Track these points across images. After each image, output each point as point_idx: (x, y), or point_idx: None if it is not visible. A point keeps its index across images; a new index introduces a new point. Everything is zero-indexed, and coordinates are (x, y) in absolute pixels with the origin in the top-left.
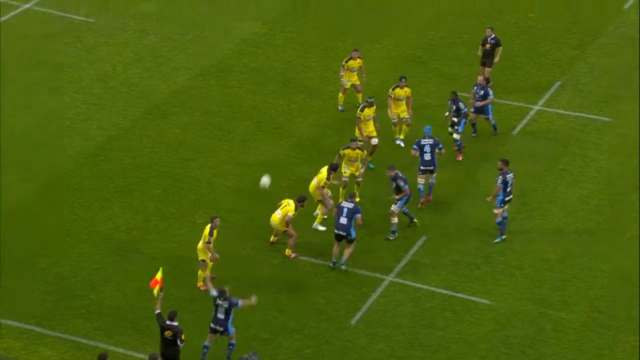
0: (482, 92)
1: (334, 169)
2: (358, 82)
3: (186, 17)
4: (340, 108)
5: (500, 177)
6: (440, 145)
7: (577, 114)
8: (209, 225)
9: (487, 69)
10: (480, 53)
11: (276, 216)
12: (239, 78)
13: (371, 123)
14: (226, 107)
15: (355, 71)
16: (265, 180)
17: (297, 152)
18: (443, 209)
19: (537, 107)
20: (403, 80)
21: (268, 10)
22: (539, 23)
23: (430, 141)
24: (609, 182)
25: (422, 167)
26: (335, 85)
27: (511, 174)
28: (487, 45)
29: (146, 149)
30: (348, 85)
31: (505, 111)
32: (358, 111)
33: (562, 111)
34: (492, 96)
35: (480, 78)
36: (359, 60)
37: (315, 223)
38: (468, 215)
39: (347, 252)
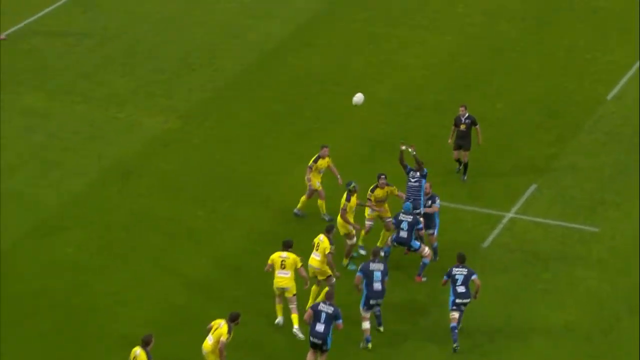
0: (429, 201)
1: (329, 231)
2: (321, 188)
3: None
4: (297, 212)
5: (449, 271)
6: (420, 226)
7: (558, 222)
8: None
9: (465, 153)
10: (451, 139)
11: (207, 342)
12: (148, 183)
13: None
14: (133, 218)
15: (322, 172)
16: (358, 98)
17: (219, 272)
18: None
19: (510, 215)
20: (382, 178)
21: (182, 101)
22: (509, 115)
23: (409, 218)
24: (601, 305)
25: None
26: (268, 188)
27: (462, 270)
28: (462, 126)
29: (34, 273)
30: (319, 187)
31: (473, 220)
32: (343, 201)
33: (540, 219)
34: (438, 204)
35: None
36: (327, 159)
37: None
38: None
39: None
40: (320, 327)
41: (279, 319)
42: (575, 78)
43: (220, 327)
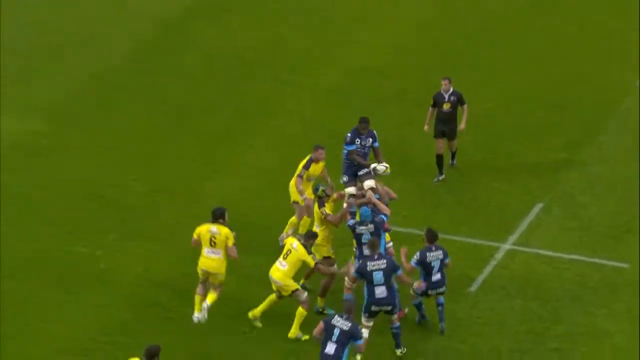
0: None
1: (309, 238)
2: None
3: None
4: (282, 238)
5: (417, 255)
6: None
7: (572, 256)
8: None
9: (452, 142)
10: (429, 124)
11: None
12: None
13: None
14: None
15: (313, 180)
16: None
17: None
18: None
19: (506, 246)
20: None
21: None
22: (502, 110)
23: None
24: None
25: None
26: (171, 215)
27: (437, 252)
28: (446, 105)
29: None
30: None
31: (456, 253)
32: (323, 210)
33: (548, 252)
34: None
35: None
36: (322, 163)
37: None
38: None
39: None
40: (330, 348)
41: (197, 315)
42: (592, 60)
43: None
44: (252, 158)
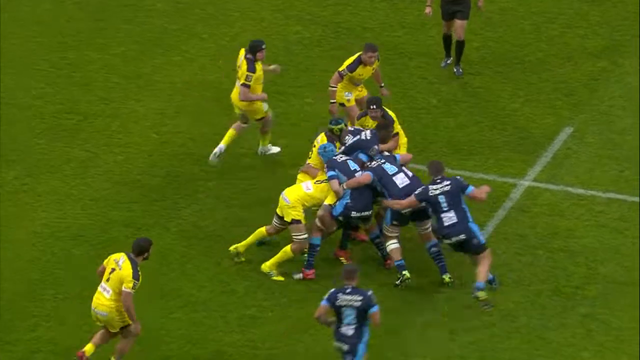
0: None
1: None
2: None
3: None
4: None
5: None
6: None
7: (611, 195)
8: None
9: (461, 23)
10: (429, 7)
11: (102, 296)
12: None
13: None
14: None
15: (359, 84)
16: None
17: None
18: None
19: (526, 183)
20: (373, 107)
21: None
22: (519, 10)
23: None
24: None
25: None
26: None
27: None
28: None
29: None
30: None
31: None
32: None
33: (578, 190)
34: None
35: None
36: (376, 63)
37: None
38: None
39: None
40: (348, 329)
41: None
42: None
43: (119, 268)
44: None
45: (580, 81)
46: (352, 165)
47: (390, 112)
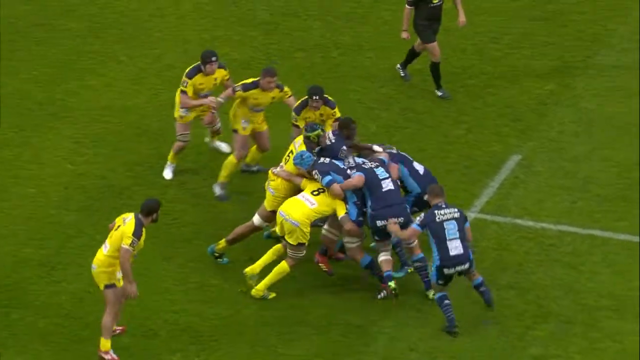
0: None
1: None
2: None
3: None
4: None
5: (422, 216)
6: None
7: (563, 227)
8: None
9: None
10: (406, 32)
11: (100, 253)
12: None
13: None
14: None
15: (257, 110)
16: None
17: None
18: None
19: (472, 215)
20: (316, 97)
21: None
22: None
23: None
24: None
25: None
26: None
27: (451, 211)
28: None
29: None
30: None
31: None
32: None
33: (527, 222)
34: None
35: None
36: (277, 92)
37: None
38: None
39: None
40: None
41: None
42: None
43: (123, 224)
44: None
45: (528, 105)
46: (342, 164)
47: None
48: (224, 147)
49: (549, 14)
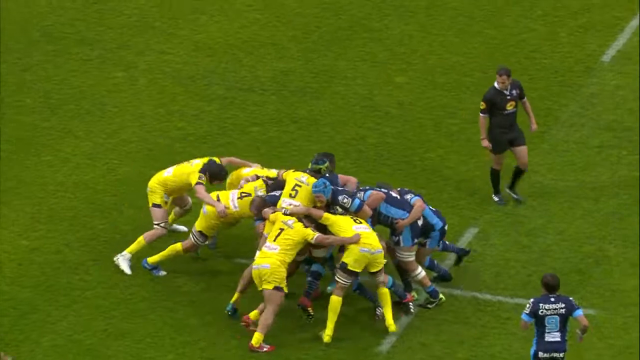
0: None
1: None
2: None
3: None
4: None
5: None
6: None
7: (519, 301)
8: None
9: (523, 148)
10: (485, 135)
11: None
12: None
13: None
14: None
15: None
16: None
17: None
18: None
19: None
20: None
21: None
22: (413, 93)
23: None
24: None
25: None
26: None
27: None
28: (510, 106)
29: None
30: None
31: None
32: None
33: (484, 295)
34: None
35: None
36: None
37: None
38: None
39: None
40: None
41: None
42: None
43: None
44: None
45: (484, 179)
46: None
47: None
48: (181, 229)
49: None
